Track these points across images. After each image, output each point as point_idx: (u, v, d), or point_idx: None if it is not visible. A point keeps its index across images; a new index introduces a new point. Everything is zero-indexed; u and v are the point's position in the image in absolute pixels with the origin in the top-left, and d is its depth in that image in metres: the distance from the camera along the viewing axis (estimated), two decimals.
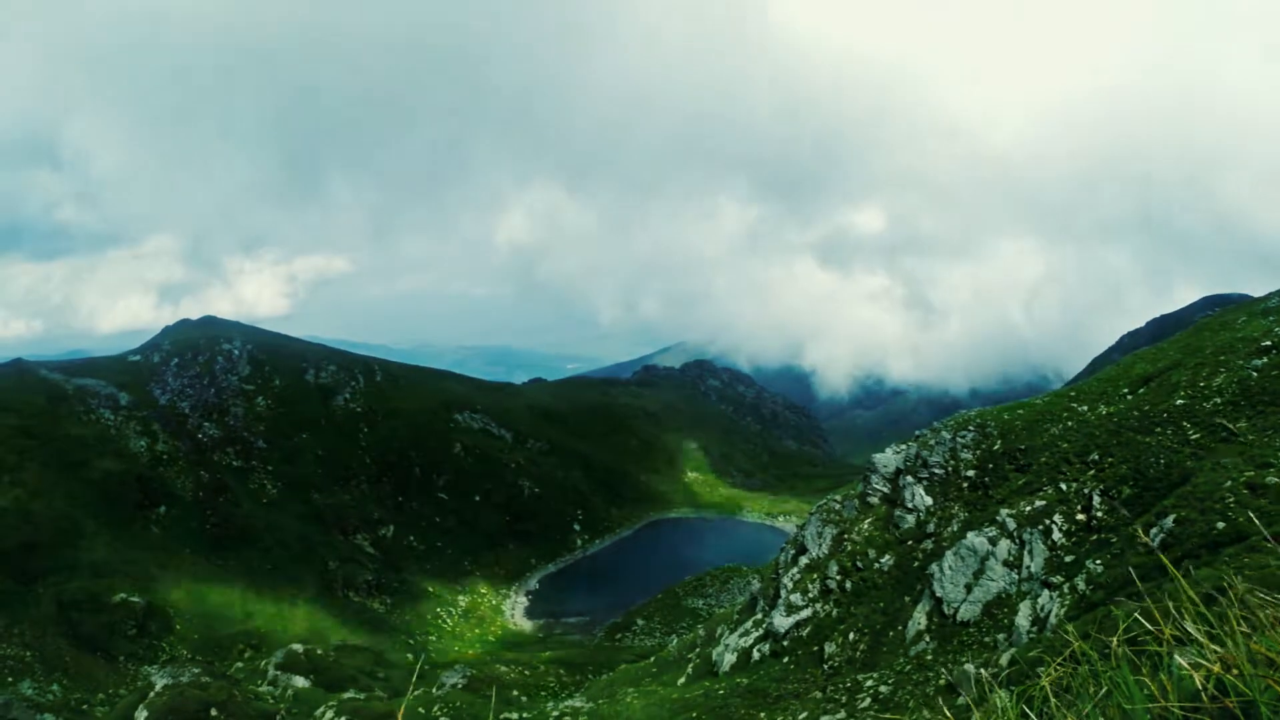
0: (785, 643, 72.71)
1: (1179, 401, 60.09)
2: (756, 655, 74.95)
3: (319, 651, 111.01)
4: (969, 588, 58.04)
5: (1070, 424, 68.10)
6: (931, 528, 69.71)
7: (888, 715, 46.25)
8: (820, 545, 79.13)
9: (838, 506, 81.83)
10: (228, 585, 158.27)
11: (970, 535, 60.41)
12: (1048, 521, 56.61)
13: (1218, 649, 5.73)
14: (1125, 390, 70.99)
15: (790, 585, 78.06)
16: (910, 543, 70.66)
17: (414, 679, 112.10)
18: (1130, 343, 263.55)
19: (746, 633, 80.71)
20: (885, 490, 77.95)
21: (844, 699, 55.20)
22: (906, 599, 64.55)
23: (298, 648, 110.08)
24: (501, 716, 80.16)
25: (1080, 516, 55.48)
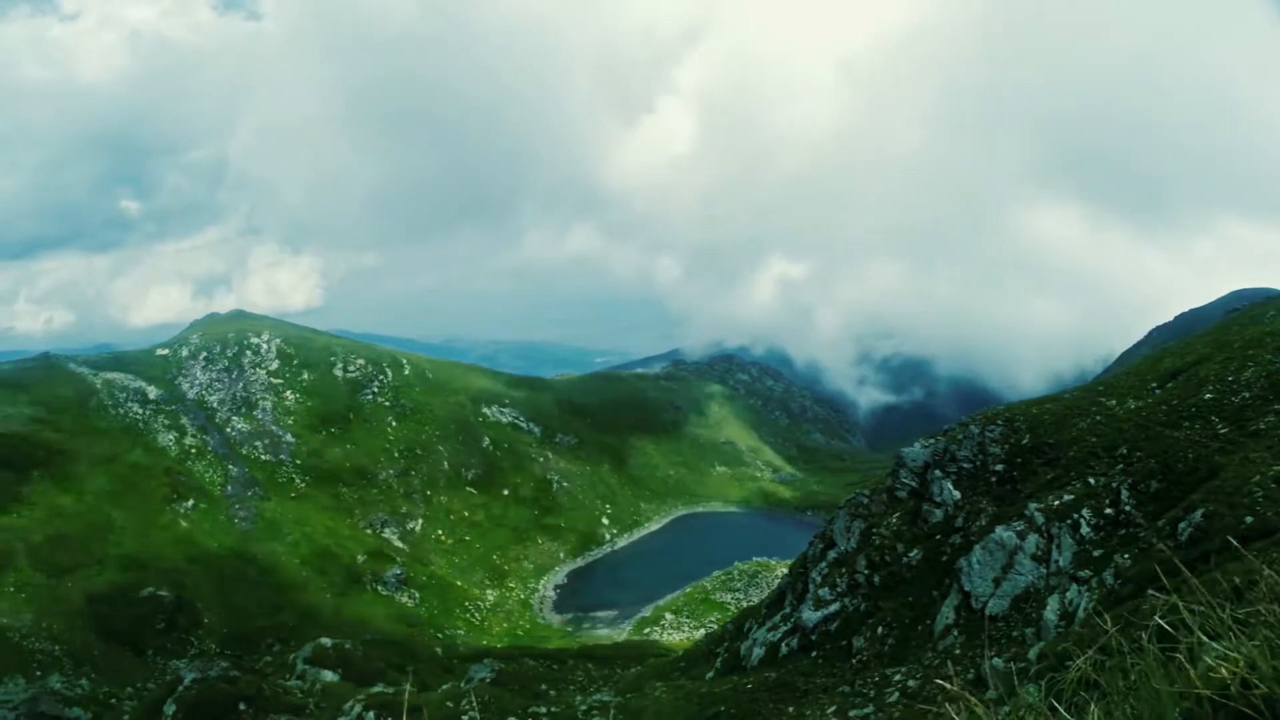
0: (813, 637, 72.66)
1: (1207, 396, 59.91)
2: (784, 649, 74.94)
3: (347, 645, 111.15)
4: (997, 582, 57.92)
5: (1099, 418, 67.89)
6: (960, 522, 69.55)
7: (921, 706, 46.14)
8: (849, 539, 79.04)
9: (866, 501, 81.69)
10: (256, 579, 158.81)
11: (999, 529, 60.28)
12: (1076, 516, 56.44)
13: (1246, 643, 5.74)
14: (1154, 384, 70.78)
15: (818, 579, 78.00)
16: (938, 537, 70.49)
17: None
18: (1159, 337, 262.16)
19: (774, 627, 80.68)
20: (913, 484, 77.77)
21: (872, 693, 55.13)
22: (935, 593, 64.44)
23: (326, 642, 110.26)
24: (529, 710, 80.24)
25: (1108, 511, 55.31)
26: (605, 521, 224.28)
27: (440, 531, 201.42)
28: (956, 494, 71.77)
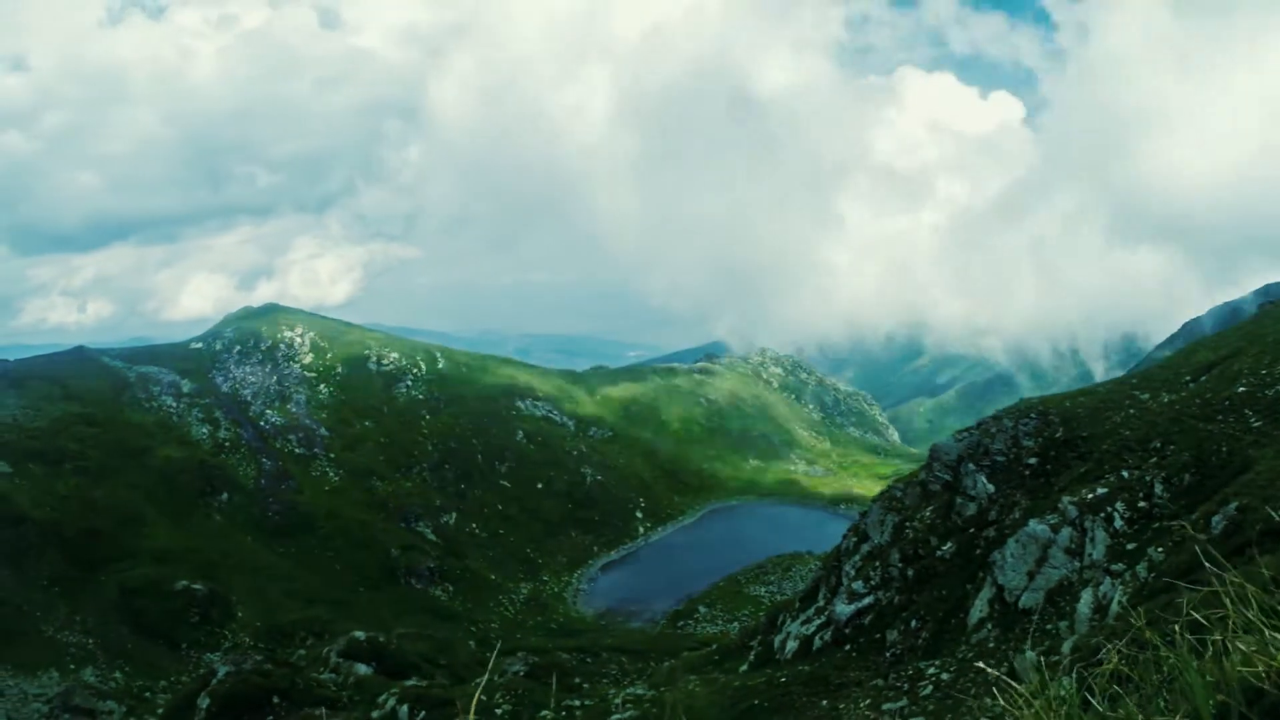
0: (847, 630, 72.59)
1: (1241, 389, 59.74)
2: (818, 643, 74.86)
3: (381, 639, 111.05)
4: (1031, 575, 57.76)
5: (1132, 412, 67.73)
6: (993, 515, 69.34)
7: (955, 699, 46.01)
8: (882, 532, 78.93)
9: (899, 494, 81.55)
10: (289, 573, 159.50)
11: (1032, 523, 60.09)
12: (1109, 509, 56.28)
13: None
14: (1187, 378, 70.57)
15: (852, 572, 77.93)
16: (972, 530, 70.30)
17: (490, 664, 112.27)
18: (1192, 330, 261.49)
19: (808, 620, 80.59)
20: (947, 478, 77.57)
21: (906, 687, 55.06)
22: (968, 586, 64.27)
23: (359, 635, 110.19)
24: (563, 703, 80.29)
25: (1142, 504, 55.17)
26: (639, 515, 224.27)
27: (474, 525, 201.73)
28: (990, 487, 71.61)
